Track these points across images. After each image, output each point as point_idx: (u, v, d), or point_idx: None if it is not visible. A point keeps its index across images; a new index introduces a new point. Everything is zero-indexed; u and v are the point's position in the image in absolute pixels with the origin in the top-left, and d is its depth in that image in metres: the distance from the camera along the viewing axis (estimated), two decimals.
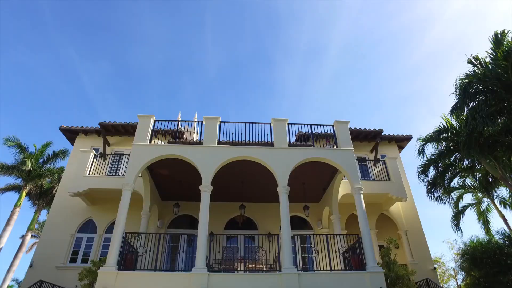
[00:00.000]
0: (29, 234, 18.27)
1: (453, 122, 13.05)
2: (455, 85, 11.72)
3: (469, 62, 11.71)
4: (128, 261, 9.06)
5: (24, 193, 17.30)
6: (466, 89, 11.08)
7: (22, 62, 56.28)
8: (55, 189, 17.77)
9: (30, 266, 11.83)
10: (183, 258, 11.33)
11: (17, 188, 18.52)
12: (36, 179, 17.54)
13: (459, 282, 19.74)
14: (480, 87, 11.28)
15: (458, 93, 11.55)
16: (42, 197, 18.85)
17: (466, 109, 11.73)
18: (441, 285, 11.34)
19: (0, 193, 18.93)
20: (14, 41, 49.29)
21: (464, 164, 13.88)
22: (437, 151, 13.68)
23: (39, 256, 12.03)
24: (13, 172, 17.20)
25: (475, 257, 12.30)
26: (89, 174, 12.37)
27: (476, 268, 12.26)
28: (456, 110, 11.89)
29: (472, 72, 11.50)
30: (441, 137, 13.32)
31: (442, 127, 13.18)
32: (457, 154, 13.49)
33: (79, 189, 11.90)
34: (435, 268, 13.22)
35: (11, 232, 16.32)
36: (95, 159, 12.88)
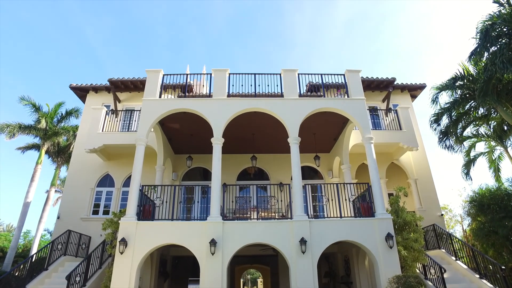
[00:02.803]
0: (53, 189, 19.22)
1: (471, 68, 12.55)
2: (476, 28, 11.08)
3: (495, 1, 10.91)
4: (146, 212, 9.57)
5: (43, 151, 17.92)
6: (488, 32, 10.46)
7: (26, 20, 55.00)
8: (71, 146, 18.34)
9: (58, 217, 12.66)
10: (198, 208, 11.88)
11: (36, 147, 19.17)
12: (53, 137, 18.05)
13: (464, 227, 20.35)
14: (505, 29, 10.61)
15: (478, 36, 10.94)
16: (61, 155, 19.55)
17: (486, 54, 11.20)
18: (447, 230, 11.71)
19: (21, 151, 19.66)
20: None
21: (479, 113, 13.56)
22: (451, 100, 13.35)
23: (64, 209, 12.81)
24: (30, 131, 17.69)
25: (483, 204, 12.56)
26: (102, 130, 12.64)
27: (483, 213, 12.56)
28: (475, 55, 11.34)
29: (497, 13, 10.76)
30: (456, 84, 12.90)
31: (458, 74, 12.71)
32: (472, 102, 13.16)
33: (94, 146, 12.26)
34: (442, 215, 13.57)
35: (37, 188, 17.23)
36: (107, 116, 13.06)
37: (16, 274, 9.34)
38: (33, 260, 9.83)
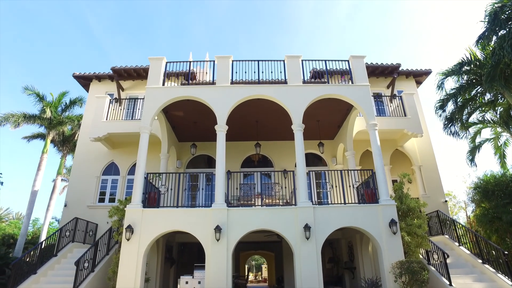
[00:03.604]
0: (59, 178, 19.43)
1: (478, 53, 12.33)
2: (485, 11, 10.82)
3: None
4: (151, 199, 9.68)
5: (48, 140, 18.04)
6: (497, 15, 10.23)
7: (28, 9, 54.62)
8: (76, 135, 18.44)
9: (65, 205, 12.86)
10: (203, 195, 11.98)
11: (41, 136, 19.30)
12: (58, 127, 18.12)
13: (468, 213, 20.39)
14: None
15: (487, 20, 10.71)
16: (66, 144, 19.68)
17: (494, 38, 10.97)
18: (451, 217, 11.74)
19: (26, 140, 19.82)
20: None
21: (486, 98, 13.39)
22: (457, 85, 13.17)
23: (71, 197, 12.99)
24: (35, 121, 17.76)
25: (487, 190, 12.54)
26: (106, 119, 12.68)
27: (487, 200, 12.56)
28: (482, 39, 11.12)
29: None
30: (463, 70, 12.70)
31: (465, 59, 12.49)
32: (478, 88, 12.98)
33: (99, 134, 12.32)
34: (446, 201, 13.58)
35: (43, 177, 17.43)
36: (110, 105, 13.08)
37: (27, 259, 9.58)
38: (43, 246, 10.04)
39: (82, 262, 8.83)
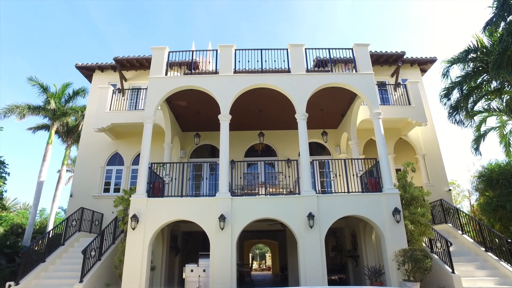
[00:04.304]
0: (64, 169, 19.59)
1: (485, 40, 12.11)
2: None
3: None
4: (155, 189, 9.76)
5: (52, 131, 18.14)
6: (506, 0, 10.00)
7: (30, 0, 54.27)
8: (80, 126, 18.53)
9: (71, 196, 13.00)
10: (207, 185, 12.06)
11: (46, 127, 19.41)
12: (62, 118, 18.19)
13: (472, 202, 20.39)
14: None
15: (495, 5, 10.49)
16: (70, 134, 19.79)
17: (502, 24, 10.76)
18: (455, 205, 11.76)
19: (32, 132, 19.98)
20: None
21: (492, 86, 13.21)
22: (463, 73, 12.98)
23: (76, 187, 13.12)
24: (39, 112, 17.84)
25: (492, 179, 12.51)
26: (110, 109, 12.70)
27: (491, 188, 12.55)
28: (490, 25, 10.91)
29: None
30: (469, 57, 12.50)
31: (471, 46, 12.28)
32: (484, 76, 12.79)
33: (103, 125, 12.36)
34: (450, 190, 13.57)
35: (48, 167, 17.58)
36: (114, 95, 13.08)
37: (36, 248, 9.76)
38: (50, 236, 10.21)
39: (89, 251, 8.98)
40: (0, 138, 55.21)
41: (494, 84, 13.07)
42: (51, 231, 10.39)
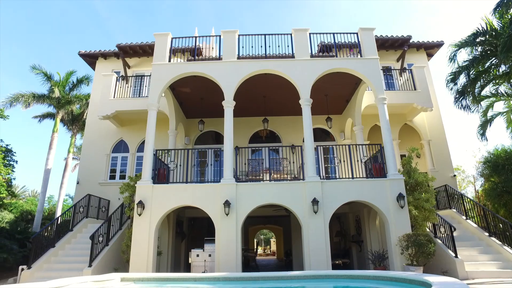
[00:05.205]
0: (70, 156, 19.80)
1: (495, 22, 11.81)
2: None
3: None
4: (161, 175, 9.85)
5: (58, 120, 18.24)
6: None
7: None
8: (85, 114, 18.59)
9: (78, 183, 13.19)
10: (212, 171, 12.13)
11: (51, 115, 19.54)
12: (66, 106, 18.25)
13: (477, 188, 20.34)
14: None
15: None
16: (75, 122, 19.89)
17: None
18: (459, 191, 11.74)
19: (38, 120, 20.14)
20: None
21: (500, 70, 12.96)
22: (470, 57, 12.71)
23: (83, 174, 13.29)
24: (44, 100, 17.90)
25: (497, 164, 12.42)
26: (114, 97, 12.71)
27: (497, 174, 12.47)
28: (500, 7, 10.64)
29: None
30: (477, 41, 12.22)
31: (480, 29, 11.99)
32: (493, 60, 12.52)
33: (107, 112, 12.40)
34: (454, 175, 13.52)
35: (55, 155, 17.77)
36: (117, 82, 13.07)
37: (45, 234, 9.99)
38: (59, 222, 10.42)
39: (96, 237, 9.16)
40: (7, 127, 55.70)
41: (502, 68, 12.81)
42: (60, 218, 10.60)
